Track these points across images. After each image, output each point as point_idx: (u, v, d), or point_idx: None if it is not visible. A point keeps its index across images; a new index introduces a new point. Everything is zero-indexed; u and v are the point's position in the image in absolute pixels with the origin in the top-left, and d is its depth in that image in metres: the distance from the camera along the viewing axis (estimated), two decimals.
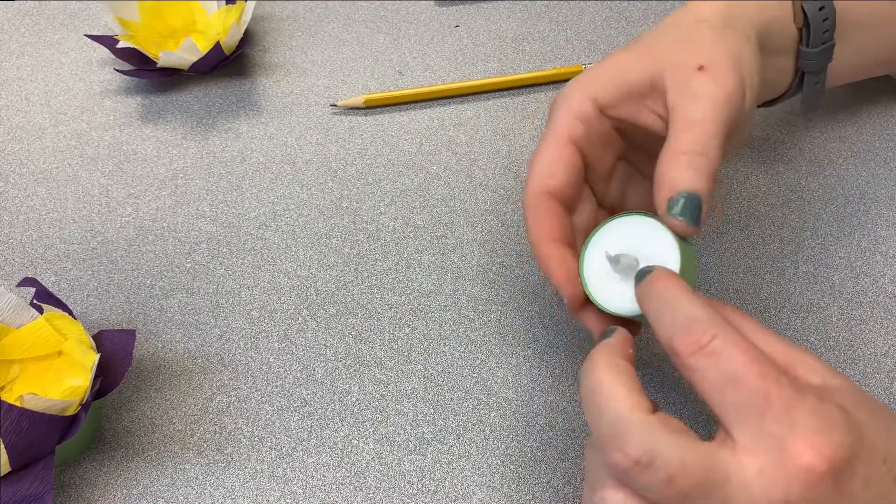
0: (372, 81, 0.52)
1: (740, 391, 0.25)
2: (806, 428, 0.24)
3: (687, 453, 0.25)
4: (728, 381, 0.25)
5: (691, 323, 0.26)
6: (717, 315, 0.26)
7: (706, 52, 0.33)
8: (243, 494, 0.36)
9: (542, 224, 0.33)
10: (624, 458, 0.25)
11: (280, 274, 0.43)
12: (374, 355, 0.40)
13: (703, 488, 0.25)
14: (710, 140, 0.31)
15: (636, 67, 0.33)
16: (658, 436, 0.25)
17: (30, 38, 0.55)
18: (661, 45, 0.34)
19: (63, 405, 0.33)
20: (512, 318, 0.41)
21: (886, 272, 0.42)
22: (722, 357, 0.25)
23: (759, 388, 0.25)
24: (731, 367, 0.25)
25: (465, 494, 0.35)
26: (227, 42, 0.50)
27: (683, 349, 0.26)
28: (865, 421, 0.26)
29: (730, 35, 0.34)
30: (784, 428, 0.24)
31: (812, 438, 0.24)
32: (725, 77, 0.32)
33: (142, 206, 0.46)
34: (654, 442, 0.25)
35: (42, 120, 0.50)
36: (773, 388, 0.25)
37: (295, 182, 0.47)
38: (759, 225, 0.44)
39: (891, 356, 0.39)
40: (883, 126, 0.48)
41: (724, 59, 0.32)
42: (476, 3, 0.57)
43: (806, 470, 0.24)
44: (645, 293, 0.29)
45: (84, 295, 0.42)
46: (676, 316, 0.27)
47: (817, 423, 0.25)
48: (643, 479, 0.25)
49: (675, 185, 0.30)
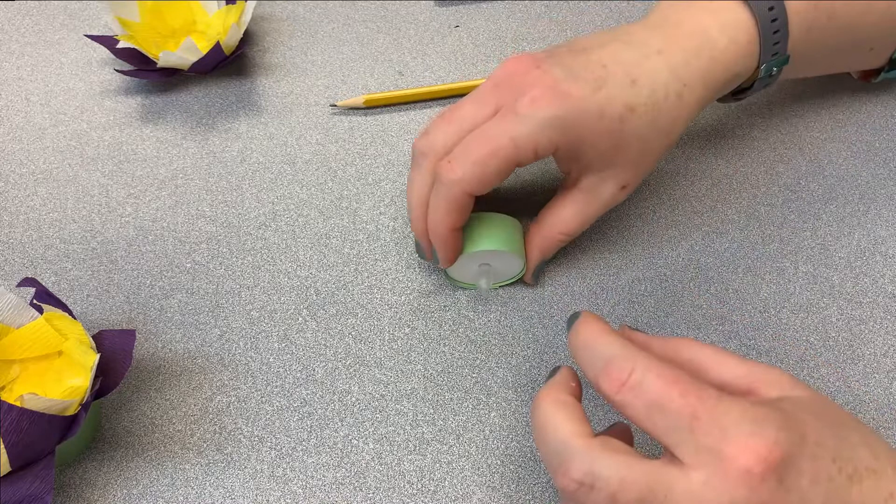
0: (372, 81, 0.52)
1: (666, 414, 0.26)
2: (738, 433, 0.25)
3: (626, 471, 0.26)
4: (653, 407, 0.27)
5: (610, 362, 0.28)
6: (632, 348, 0.28)
7: (639, 177, 0.39)
8: (243, 494, 0.36)
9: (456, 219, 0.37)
10: (569, 482, 0.27)
11: (280, 274, 0.43)
12: (374, 355, 0.40)
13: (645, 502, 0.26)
14: (579, 228, 0.39)
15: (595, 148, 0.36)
16: (598, 457, 0.27)
17: (30, 38, 0.55)
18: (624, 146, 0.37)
19: (63, 405, 0.33)
20: (512, 318, 0.41)
21: (886, 272, 0.42)
22: (643, 387, 0.27)
23: (683, 407, 0.26)
24: (653, 395, 0.27)
25: (465, 494, 0.35)
26: (227, 42, 0.50)
27: (608, 388, 0.28)
28: (810, 421, 0.27)
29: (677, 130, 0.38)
30: (716, 437, 0.25)
31: (745, 441, 0.25)
32: (627, 192, 0.39)
33: (142, 206, 0.46)
34: (593, 463, 0.27)
35: (42, 120, 0.50)
36: (696, 403, 0.26)
37: (295, 182, 0.47)
38: (759, 225, 0.44)
39: (891, 356, 0.39)
40: (883, 126, 0.48)
41: (643, 174, 0.39)
42: (476, 3, 0.57)
43: (745, 472, 0.25)
44: (573, 341, 0.31)
45: (84, 295, 0.42)
46: (596, 359, 0.29)
47: (749, 426, 0.26)
48: (589, 499, 0.27)
49: (535, 262, 0.40)
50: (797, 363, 0.39)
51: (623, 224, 0.44)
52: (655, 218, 0.45)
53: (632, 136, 0.36)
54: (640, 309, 0.41)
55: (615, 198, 0.39)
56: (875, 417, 0.37)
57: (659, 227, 0.44)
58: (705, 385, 0.27)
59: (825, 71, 0.45)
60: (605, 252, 0.43)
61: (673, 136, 0.38)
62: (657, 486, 0.26)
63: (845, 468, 0.26)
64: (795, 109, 0.49)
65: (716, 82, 0.38)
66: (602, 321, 0.30)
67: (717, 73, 0.38)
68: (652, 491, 0.26)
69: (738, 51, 0.38)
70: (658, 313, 0.41)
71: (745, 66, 0.39)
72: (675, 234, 0.44)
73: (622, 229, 0.44)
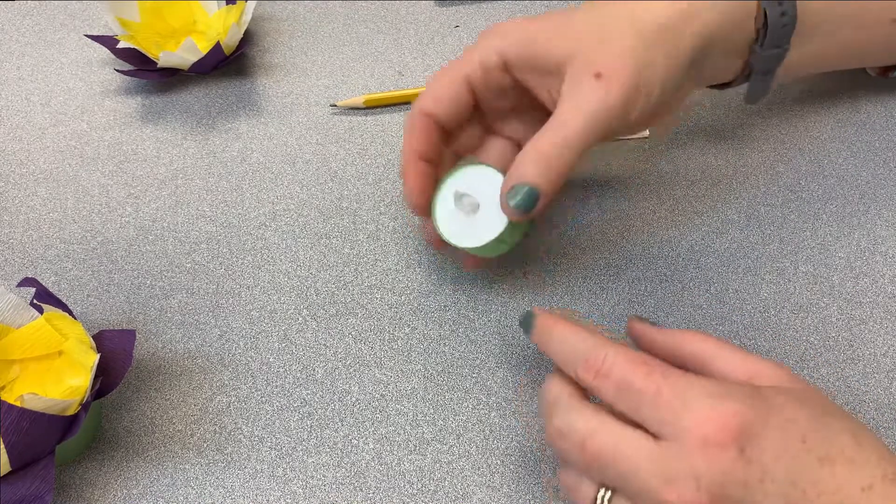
0: (372, 81, 0.52)
1: (633, 393, 0.28)
2: (699, 405, 0.27)
3: (599, 425, 0.29)
4: (622, 388, 0.29)
5: (585, 353, 0.30)
6: (603, 339, 0.30)
7: (611, 60, 0.34)
8: (243, 494, 0.36)
9: (414, 140, 0.37)
10: (550, 429, 0.30)
11: (280, 274, 0.43)
12: (374, 355, 0.40)
13: (610, 455, 0.28)
14: (569, 146, 0.34)
15: (548, 45, 0.35)
16: (576, 411, 0.29)
17: (30, 38, 0.55)
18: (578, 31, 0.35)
19: (63, 405, 0.33)
20: (512, 318, 0.41)
21: (886, 272, 0.42)
22: (613, 371, 0.29)
23: (648, 385, 0.28)
24: (621, 377, 0.29)
25: (465, 494, 0.35)
26: (227, 42, 0.50)
27: (586, 377, 0.30)
28: (784, 403, 0.28)
29: (649, 47, 0.34)
30: (677, 410, 0.27)
31: (705, 412, 0.27)
32: (612, 92, 0.34)
33: (142, 206, 0.46)
34: (569, 415, 0.29)
35: (42, 120, 0.50)
36: (660, 381, 0.28)
37: (295, 182, 0.47)
38: (759, 225, 0.44)
39: (891, 356, 0.39)
40: (883, 126, 0.48)
41: (623, 71, 0.34)
42: (476, 3, 0.57)
43: (703, 442, 0.26)
44: (545, 341, 0.32)
45: (84, 295, 0.42)
46: (570, 352, 0.31)
47: (710, 399, 0.27)
48: (564, 445, 0.29)
49: (521, 177, 0.34)
50: (797, 363, 0.39)
51: (623, 224, 0.44)
52: (655, 218, 0.45)
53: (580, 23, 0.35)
54: (640, 309, 0.41)
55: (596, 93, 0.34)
56: (875, 417, 0.37)
57: (659, 227, 0.44)
58: (672, 367, 0.29)
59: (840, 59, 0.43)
60: (605, 252, 0.43)
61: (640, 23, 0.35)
62: (625, 443, 0.28)
63: (816, 450, 0.27)
64: (795, 109, 0.49)
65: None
66: (563, 318, 0.32)
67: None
68: (618, 445, 0.28)
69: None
70: (658, 313, 0.41)
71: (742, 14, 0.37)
72: (675, 234, 0.44)
73: (622, 229, 0.44)
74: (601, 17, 0.36)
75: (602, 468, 0.28)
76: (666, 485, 0.27)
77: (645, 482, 0.27)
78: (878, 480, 0.27)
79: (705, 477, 0.26)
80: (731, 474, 0.26)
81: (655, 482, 0.27)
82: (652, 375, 0.28)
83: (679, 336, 0.32)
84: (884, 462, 0.27)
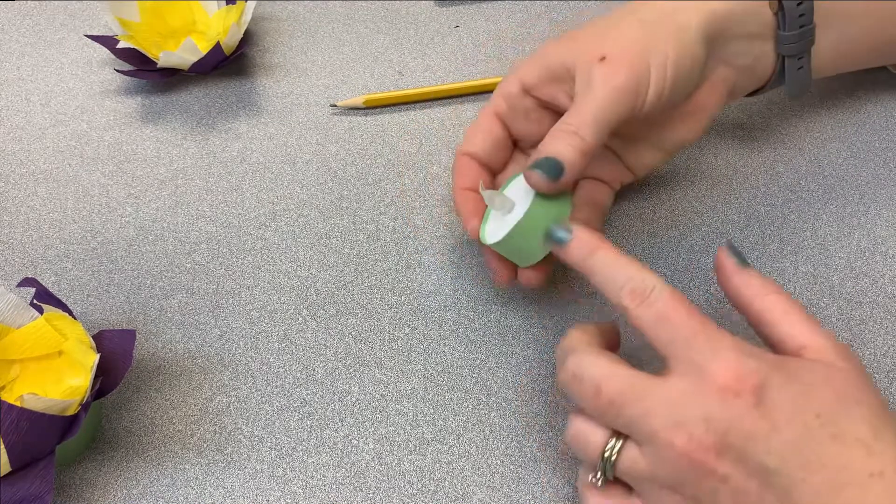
0: (372, 81, 0.52)
1: (670, 328, 0.29)
2: (726, 357, 0.28)
3: (612, 370, 0.29)
4: (661, 320, 0.29)
5: (632, 279, 0.30)
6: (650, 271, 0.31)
7: (614, 44, 0.36)
8: (243, 494, 0.36)
9: (460, 177, 0.39)
10: (564, 373, 0.31)
11: (280, 274, 0.43)
12: (373, 355, 0.40)
13: (624, 397, 0.29)
14: (587, 125, 0.34)
15: (556, 54, 0.37)
16: (591, 356, 0.30)
17: (30, 38, 0.55)
18: (584, 36, 0.37)
19: (63, 405, 0.33)
20: (512, 318, 0.41)
21: (886, 272, 0.42)
22: (658, 302, 0.30)
23: (686, 324, 0.29)
24: (664, 310, 0.29)
25: (465, 494, 0.35)
26: (227, 42, 0.50)
27: (630, 302, 0.30)
28: (810, 379, 0.28)
29: (652, 29, 0.36)
30: (706, 355, 0.28)
31: (730, 364, 0.28)
32: (619, 69, 0.35)
33: (142, 206, 0.46)
34: (585, 361, 0.30)
35: (42, 120, 0.50)
36: (698, 325, 0.29)
37: (295, 182, 0.47)
38: (759, 225, 0.44)
39: (891, 356, 0.39)
40: (883, 126, 0.48)
41: (626, 52, 0.35)
42: (476, 3, 0.57)
43: (721, 388, 0.27)
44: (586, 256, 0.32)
45: (84, 295, 0.42)
46: (619, 276, 0.31)
47: (736, 354, 0.28)
48: (578, 389, 0.30)
49: (543, 150, 0.35)
50: None
51: (623, 224, 0.44)
52: (655, 218, 0.45)
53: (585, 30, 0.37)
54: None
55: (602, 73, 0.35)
56: None
57: (659, 227, 0.44)
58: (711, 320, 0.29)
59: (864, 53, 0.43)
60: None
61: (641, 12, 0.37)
62: (637, 387, 0.29)
63: (829, 426, 0.27)
64: (795, 109, 0.49)
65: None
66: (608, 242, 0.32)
67: None
68: (632, 388, 0.29)
69: None
70: None
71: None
72: (675, 234, 0.44)
73: (622, 229, 0.44)
74: (605, 21, 0.38)
75: (616, 411, 0.29)
76: (675, 427, 0.27)
77: (655, 424, 0.28)
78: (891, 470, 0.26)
79: (715, 420, 0.27)
80: (740, 421, 0.27)
81: (666, 424, 0.28)
82: (692, 318, 0.29)
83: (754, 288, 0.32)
84: None
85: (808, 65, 0.41)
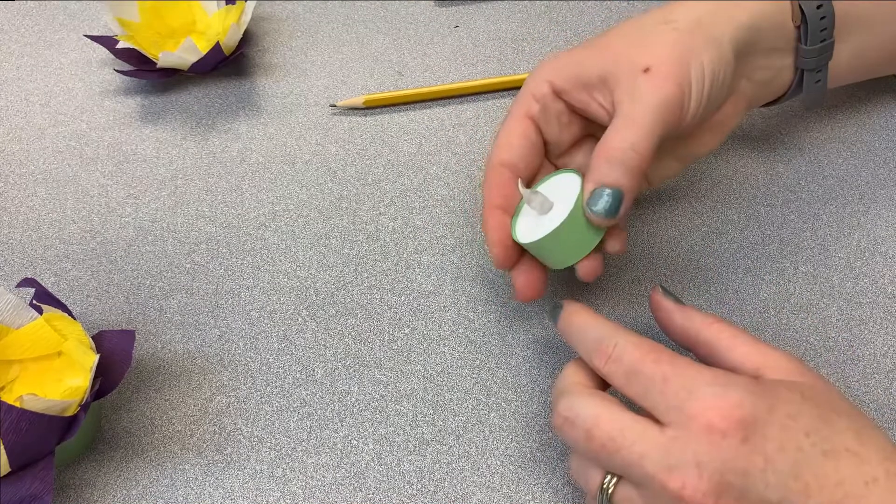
0: (372, 81, 0.52)
1: (641, 379, 0.29)
2: (704, 394, 0.28)
3: (602, 412, 0.29)
4: (630, 374, 0.29)
5: (598, 341, 0.31)
6: (617, 328, 0.31)
7: (655, 55, 0.34)
8: (243, 494, 0.36)
9: (491, 191, 0.37)
10: (556, 417, 0.31)
11: (280, 274, 0.43)
12: (373, 356, 0.40)
13: (615, 442, 0.28)
14: (643, 139, 0.33)
15: (591, 62, 0.36)
16: (582, 399, 0.30)
17: (30, 38, 0.55)
18: (618, 44, 0.36)
19: (63, 405, 0.33)
20: (512, 318, 0.41)
21: (886, 272, 0.42)
22: (623, 357, 0.30)
23: (655, 372, 0.29)
24: (630, 363, 0.29)
25: (465, 494, 0.35)
26: (226, 42, 0.50)
27: (598, 363, 0.31)
28: (791, 397, 0.28)
29: (689, 39, 0.35)
30: (683, 397, 0.28)
31: (710, 401, 0.27)
32: (666, 81, 0.34)
33: (142, 207, 0.46)
34: (575, 402, 0.30)
35: (42, 120, 0.50)
36: (667, 368, 0.29)
37: (294, 182, 0.47)
38: (759, 225, 0.44)
39: (890, 356, 0.39)
40: (883, 126, 0.48)
41: (670, 63, 0.34)
42: (476, 3, 0.57)
43: (707, 429, 0.27)
44: (567, 329, 0.33)
45: (84, 295, 0.42)
46: (589, 340, 0.31)
47: (715, 388, 0.28)
48: (571, 434, 0.30)
49: (602, 178, 0.33)
50: None
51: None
52: (655, 218, 0.45)
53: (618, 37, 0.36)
54: (641, 309, 0.41)
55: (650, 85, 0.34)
56: (875, 417, 0.37)
57: (659, 227, 0.44)
58: (680, 356, 0.29)
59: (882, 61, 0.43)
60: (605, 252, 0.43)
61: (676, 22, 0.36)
62: (629, 431, 0.28)
63: (820, 444, 0.27)
64: (795, 109, 0.49)
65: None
66: (587, 308, 0.33)
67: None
68: (623, 433, 0.28)
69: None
70: None
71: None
72: (675, 234, 0.44)
73: None
74: (637, 27, 0.37)
75: (608, 456, 0.29)
76: (669, 472, 0.27)
77: (649, 469, 0.27)
78: (883, 475, 0.27)
79: (707, 464, 0.27)
80: (732, 462, 0.27)
81: (659, 469, 0.27)
82: (660, 363, 0.29)
83: (697, 321, 0.32)
84: (888, 458, 0.27)
85: (825, 78, 0.41)
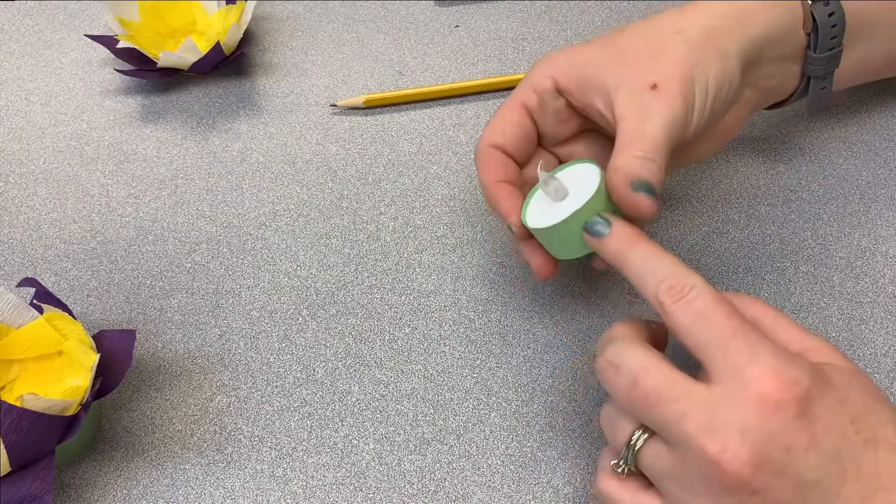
0: (372, 81, 0.52)
1: (709, 327, 0.28)
2: (766, 362, 0.27)
3: (652, 363, 0.28)
4: (699, 319, 0.28)
5: (674, 275, 0.29)
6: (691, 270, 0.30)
7: (663, 72, 0.34)
8: (243, 494, 0.36)
9: (489, 170, 0.37)
10: (602, 361, 0.30)
11: (280, 274, 0.43)
12: (374, 355, 0.40)
13: (660, 395, 0.27)
14: (659, 152, 0.33)
15: (598, 66, 0.36)
16: (633, 347, 0.29)
17: (30, 38, 0.55)
18: (627, 52, 0.36)
19: (63, 405, 0.33)
20: (512, 318, 0.41)
21: (886, 272, 0.42)
22: (697, 300, 0.29)
23: (726, 324, 0.28)
24: (703, 308, 0.28)
25: (465, 494, 0.35)
26: (227, 42, 0.50)
27: (667, 298, 0.29)
28: (842, 384, 0.28)
29: (697, 53, 0.35)
30: (745, 359, 0.27)
31: (769, 370, 0.27)
32: (674, 100, 0.34)
33: (142, 206, 0.46)
34: (625, 351, 0.29)
35: (42, 120, 0.50)
36: (738, 326, 0.28)
37: (295, 182, 0.47)
38: (759, 225, 0.44)
39: (891, 356, 0.39)
40: (883, 126, 0.48)
41: (677, 82, 0.34)
42: (476, 3, 0.57)
43: (761, 397, 0.26)
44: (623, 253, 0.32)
45: (84, 295, 0.42)
46: (657, 271, 0.30)
47: (776, 360, 0.27)
48: (614, 380, 0.29)
49: (635, 173, 0.33)
50: None
51: None
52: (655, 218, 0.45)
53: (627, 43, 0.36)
54: (641, 309, 0.41)
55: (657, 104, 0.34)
56: None
57: (659, 227, 0.44)
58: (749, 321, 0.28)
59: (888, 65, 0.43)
60: None
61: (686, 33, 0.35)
62: (676, 386, 0.27)
63: (863, 432, 0.27)
64: (796, 109, 0.49)
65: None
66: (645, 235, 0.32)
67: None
68: (670, 387, 0.28)
69: None
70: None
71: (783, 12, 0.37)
72: (675, 234, 0.44)
73: None
74: (646, 34, 0.36)
75: (648, 408, 0.28)
76: (710, 434, 0.26)
77: (689, 428, 0.27)
78: None
79: (753, 431, 0.26)
80: (779, 435, 0.26)
81: (700, 429, 0.26)
82: (732, 318, 0.28)
83: (740, 299, 0.32)
84: None
85: (830, 84, 0.41)
